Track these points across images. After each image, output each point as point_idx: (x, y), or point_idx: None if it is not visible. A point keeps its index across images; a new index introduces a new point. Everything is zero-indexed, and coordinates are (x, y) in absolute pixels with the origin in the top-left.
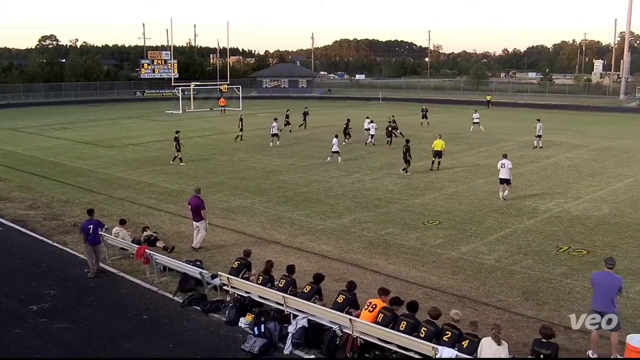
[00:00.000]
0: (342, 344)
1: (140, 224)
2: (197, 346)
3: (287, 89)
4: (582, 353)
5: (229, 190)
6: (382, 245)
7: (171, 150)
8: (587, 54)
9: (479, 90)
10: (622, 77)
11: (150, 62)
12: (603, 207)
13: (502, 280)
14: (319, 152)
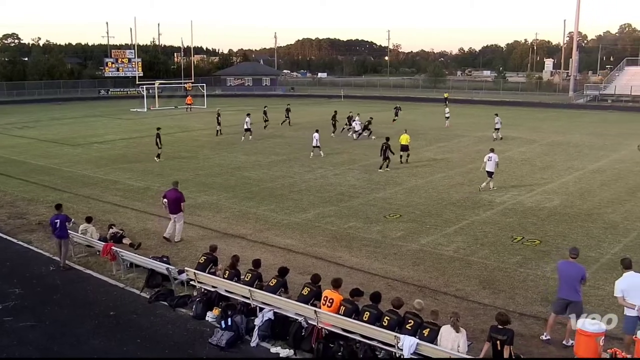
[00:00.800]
0: (308, 335)
1: (106, 222)
2: (165, 341)
3: (251, 87)
4: (535, 338)
5: (195, 187)
6: (346, 239)
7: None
8: (538, 53)
9: (436, 88)
10: (571, 75)
11: (115, 61)
12: (554, 199)
13: (460, 270)
14: (283, 148)
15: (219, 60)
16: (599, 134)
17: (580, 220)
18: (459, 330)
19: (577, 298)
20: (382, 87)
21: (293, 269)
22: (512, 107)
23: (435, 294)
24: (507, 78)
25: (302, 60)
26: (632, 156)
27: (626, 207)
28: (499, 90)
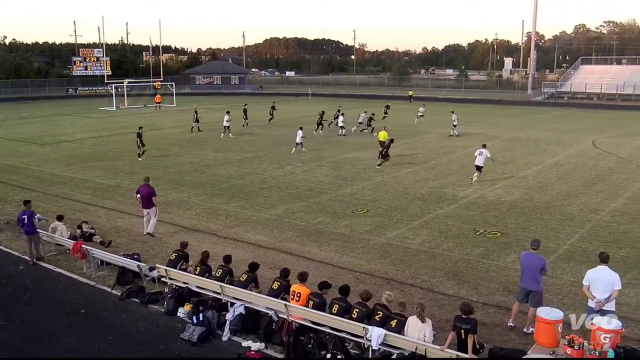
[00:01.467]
0: (278, 329)
1: (76, 220)
2: (137, 337)
3: (220, 85)
4: (498, 326)
5: (165, 184)
6: (315, 234)
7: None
8: (498, 52)
9: (401, 86)
10: (529, 73)
11: (83, 60)
12: (514, 193)
13: (425, 262)
14: (252, 146)
15: (188, 59)
16: (556, 130)
17: (539, 213)
18: (425, 321)
19: (537, 288)
20: (349, 86)
21: (263, 264)
22: (474, 105)
23: (402, 286)
24: (469, 76)
25: (270, 59)
26: (587, 151)
27: (582, 200)
28: (461, 88)
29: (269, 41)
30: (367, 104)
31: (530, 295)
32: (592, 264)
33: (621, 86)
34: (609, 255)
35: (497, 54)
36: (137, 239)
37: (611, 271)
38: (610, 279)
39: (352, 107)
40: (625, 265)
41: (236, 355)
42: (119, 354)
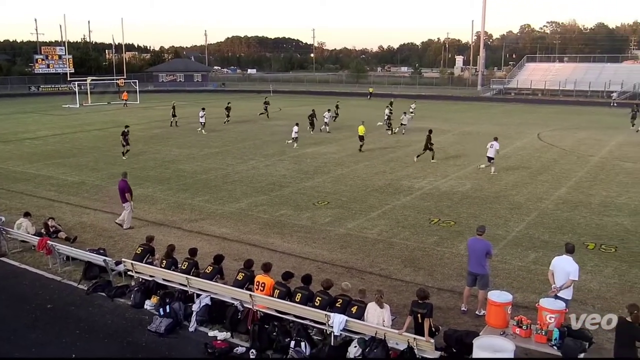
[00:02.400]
0: (244, 318)
1: (40, 217)
2: (104, 330)
3: (183, 83)
4: (452, 310)
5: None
6: (277, 226)
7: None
8: (450, 50)
9: (359, 83)
10: (478, 71)
11: (45, 58)
12: (466, 184)
13: (383, 251)
14: (216, 141)
15: (151, 57)
16: (503, 124)
17: (489, 202)
18: (383, 306)
19: (484, 271)
20: (309, 83)
21: (228, 256)
22: (428, 100)
23: (362, 274)
24: (423, 74)
25: (232, 57)
26: (532, 144)
27: (528, 189)
28: (416, 84)
29: (231, 39)
30: (326, 100)
31: (477, 279)
32: (537, 250)
33: (563, 83)
34: (574, 246)
35: (449, 53)
36: (102, 234)
37: (572, 262)
38: (568, 269)
39: (313, 103)
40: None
41: (203, 345)
42: (86, 348)
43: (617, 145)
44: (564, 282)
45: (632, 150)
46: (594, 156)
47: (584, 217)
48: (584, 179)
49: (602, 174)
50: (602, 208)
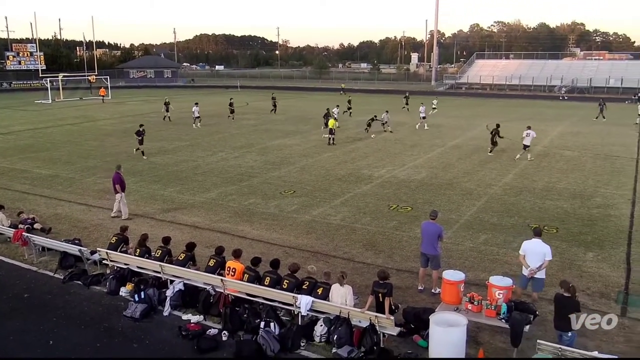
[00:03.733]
0: (215, 302)
1: (15, 209)
2: (81, 317)
3: (154, 79)
4: (410, 289)
5: (103, 173)
6: (247, 214)
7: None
8: (406, 48)
9: (321, 78)
10: (432, 67)
11: (16, 54)
12: (422, 172)
13: (346, 236)
14: (187, 135)
15: (122, 54)
16: (455, 116)
17: (443, 189)
18: (345, 287)
19: (435, 252)
20: (274, 78)
21: (200, 243)
22: (386, 95)
23: (326, 257)
24: (381, 70)
25: (201, 54)
26: (482, 134)
27: (479, 176)
28: (374, 80)
29: (199, 37)
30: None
31: (430, 259)
32: (487, 232)
33: (509, 78)
34: (541, 230)
35: (405, 50)
36: (77, 225)
37: (543, 244)
38: (543, 250)
39: (279, 98)
40: (515, 231)
41: (177, 328)
42: (63, 334)
43: (558, 135)
44: (539, 263)
45: (572, 139)
46: (537, 145)
47: (528, 201)
48: (529, 167)
49: (545, 161)
50: (544, 193)
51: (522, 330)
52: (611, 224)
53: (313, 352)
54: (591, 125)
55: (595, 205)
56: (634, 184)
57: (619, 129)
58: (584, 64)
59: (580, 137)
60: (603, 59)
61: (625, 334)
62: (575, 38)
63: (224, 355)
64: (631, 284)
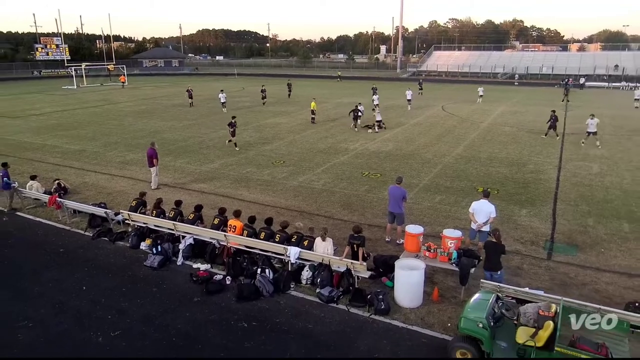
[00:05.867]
0: (220, 253)
1: (49, 179)
2: (108, 267)
3: (163, 67)
4: (379, 240)
5: (123, 147)
6: (244, 181)
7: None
8: (376, 41)
9: (305, 67)
10: (397, 57)
11: (44, 47)
12: (389, 145)
13: (327, 198)
14: (193, 115)
15: (135, 46)
16: (416, 99)
17: (406, 159)
18: (326, 239)
19: (400, 211)
20: (265, 67)
21: (206, 205)
22: (360, 81)
23: (311, 216)
24: (355, 59)
25: (203, 46)
26: (438, 114)
27: (435, 148)
28: (350, 68)
29: (202, 32)
30: (281, 80)
31: (395, 217)
32: (441, 194)
33: (461, 66)
34: (489, 192)
35: (375, 43)
36: (102, 191)
37: (490, 204)
38: (489, 209)
39: (271, 83)
40: (464, 193)
41: (189, 274)
42: (94, 281)
43: (499, 114)
44: (485, 219)
45: (510, 117)
46: (483, 122)
47: (475, 168)
48: (476, 140)
49: (489, 135)
50: (488, 161)
51: (468, 272)
52: (541, 186)
53: (301, 292)
54: (527, 106)
55: (528, 171)
56: (560, 153)
57: (549, 108)
58: (522, 55)
59: (518, 115)
60: (538, 50)
61: (550, 273)
62: (515, 33)
63: (227, 295)
64: (556, 234)
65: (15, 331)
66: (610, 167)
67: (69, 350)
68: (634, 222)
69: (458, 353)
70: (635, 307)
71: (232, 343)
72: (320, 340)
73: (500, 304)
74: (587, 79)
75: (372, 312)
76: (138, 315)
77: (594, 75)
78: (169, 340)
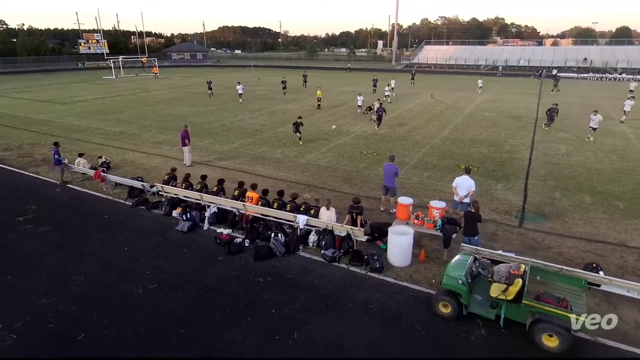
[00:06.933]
0: (240, 220)
1: (94, 156)
2: (145, 231)
3: (189, 60)
4: (375, 209)
5: (156, 129)
6: (260, 159)
7: (109, 105)
8: (374, 36)
9: (312, 59)
10: (393, 51)
11: (86, 42)
12: (384, 128)
13: (331, 173)
14: (215, 102)
15: (165, 41)
16: (409, 87)
17: (399, 140)
18: (329, 209)
19: (392, 185)
20: (278, 59)
21: (227, 179)
22: (360, 72)
23: (317, 189)
24: (356, 53)
25: (223, 41)
26: (427, 101)
27: (424, 131)
28: (351, 60)
29: (222, 28)
30: (292, 71)
31: (389, 190)
32: (429, 170)
33: (449, 59)
34: (470, 169)
35: (373, 38)
36: (139, 167)
37: (470, 179)
38: (469, 184)
39: (284, 73)
40: (449, 170)
41: (213, 238)
42: (134, 242)
43: (481, 102)
44: (466, 192)
45: (491, 104)
46: (466, 109)
47: (458, 148)
48: (460, 124)
49: (471, 120)
50: (470, 142)
51: (451, 237)
52: (515, 164)
53: (308, 253)
54: (505, 94)
55: (505, 151)
56: (533, 136)
57: (525, 97)
58: (502, 49)
59: (497, 102)
60: (516, 45)
61: (520, 238)
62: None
63: (246, 255)
64: (527, 205)
65: (70, 283)
66: (576, 147)
67: (115, 299)
68: (594, 195)
69: (440, 304)
70: (592, 267)
71: (250, 295)
72: (324, 293)
73: (477, 264)
74: (559, 70)
75: (368, 270)
76: (171, 271)
77: (565, 67)
78: (197, 292)
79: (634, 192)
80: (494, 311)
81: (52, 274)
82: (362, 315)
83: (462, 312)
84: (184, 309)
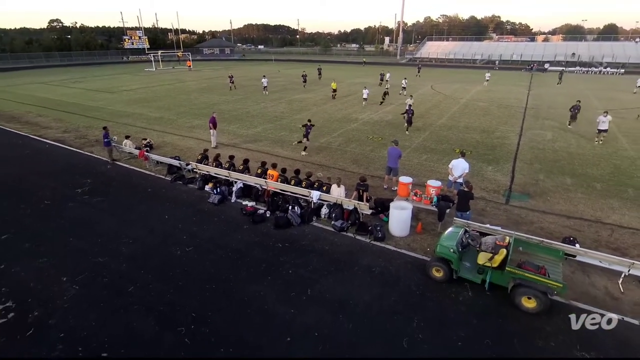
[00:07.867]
0: (262, 194)
1: (139, 138)
2: (182, 202)
3: (218, 54)
4: (379, 187)
5: (190, 115)
6: (280, 142)
7: (151, 94)
8: (381, 33)
9: (327, 54)
10: (398, 46)
11: (129, 38)
12: (389, 116)
13: (341, 155)
14: (240, 92)
15: (197, 38)
16: (412, 80)
17: (401, 126)
18: (340, 186)
19: (395, 166)
20: (296, 54)
21: (252, 159)
22: (370, 66)
23: (328, 169)
24: (365, 48)
25: (248, 37)
26: (428, 92)
27: (424, 119)
28: (361, 55)
29: (247, 26)
30: (308, 65)
31: (392, 170)
32: (427, 153)
33: (449, 54)
34: (465, 153)
35: (381, 34)
36: (176, 148)
37: (464, 162)
38: (464, 166)
39: (303, 66)
40: (445, 153)
41: (239, 209)
42: (173, 212)
43: (476, 92)
44: (460, 173)
45: (484, 95)
46: (462, 99)
47: (454, 134)
48: (456, 113)
49: (466, 109)
50: (465, 129)
51: (444, 212)
52: (505, 149)
53: (320, 223)
54: (498, 86)
55: (496, 137)
56: (521, 123)
57: (517, 88)
58: (497, 45)
59: (490, 93)
60: (510, 41)
61: (507, 215)
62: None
63: (267, 225)
64: (513, 185)
65: (120, 246)
66: (561, 135)
67: (158, 259)
68: (575, 177)
69: (434, 269)
70: (569, 240)
71: (271, 258)
72: (334, 257)
73: (467, 235)
74: (550, 64)
75: (372, 239)
76: (204, 236)
77: (554, 61)
78: (226, 255)
79: (610, 175)
80: (480, 276)
81: (105, 237)
82: (365, 277)
83: (453, 276)
84: (215, 268)
